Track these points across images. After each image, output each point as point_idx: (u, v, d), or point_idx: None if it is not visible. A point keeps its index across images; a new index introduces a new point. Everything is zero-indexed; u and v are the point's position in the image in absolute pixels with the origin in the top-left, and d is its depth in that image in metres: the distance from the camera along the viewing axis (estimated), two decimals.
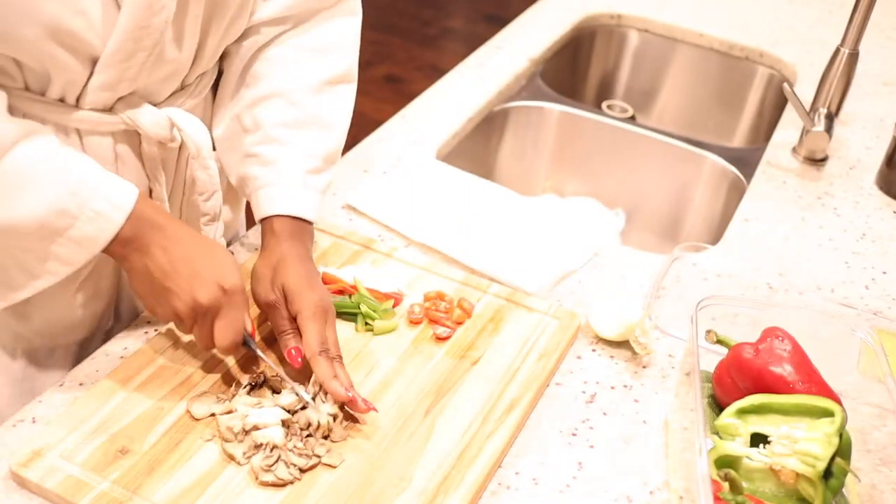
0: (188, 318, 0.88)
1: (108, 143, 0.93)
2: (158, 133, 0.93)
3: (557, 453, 0.94)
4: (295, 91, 1.02)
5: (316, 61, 1.04)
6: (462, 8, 4.56)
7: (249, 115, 1.02)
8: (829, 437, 0.84)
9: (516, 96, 1.67)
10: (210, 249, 0.89)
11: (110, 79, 0.88)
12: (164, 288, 0.87)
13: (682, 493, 0.90)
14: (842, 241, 1.31)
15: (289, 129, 1.01)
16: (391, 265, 1.14)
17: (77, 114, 0.90)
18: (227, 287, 0.87)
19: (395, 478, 0.87)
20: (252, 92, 1.02)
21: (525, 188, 1.73)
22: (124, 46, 0.85)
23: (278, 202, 1.00)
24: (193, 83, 0.99)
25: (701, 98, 1.95)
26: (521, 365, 1.01)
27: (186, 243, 0.88)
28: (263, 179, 1.00)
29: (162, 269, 0.87)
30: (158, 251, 0.87)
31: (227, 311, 0.88)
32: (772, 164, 1.48)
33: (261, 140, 1.01)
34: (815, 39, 1.89)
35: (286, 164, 1.00)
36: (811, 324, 0.99)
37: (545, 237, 1.24)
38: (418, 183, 1.32)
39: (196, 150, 0.96)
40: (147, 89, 0.93)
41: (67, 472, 0.84)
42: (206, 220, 1.01)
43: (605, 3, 1.98)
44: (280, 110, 1.01)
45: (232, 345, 0.90)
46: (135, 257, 0.87)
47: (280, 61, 1.02)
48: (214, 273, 0.87)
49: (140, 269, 0.88)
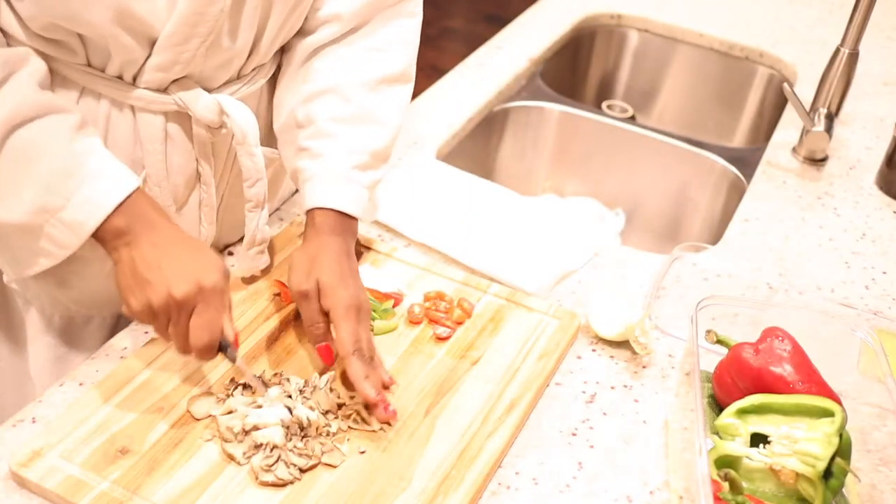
0: (162, 313, 0.87)
1: (159, 121, 0.96)
2: (206, 116, 0.96)
3: (557, 453, 0.94)
4: (349, 87, 1.03)
5: (372, 59, 1.04)
6: (462, 8, 4.56)
7: (304, 109, 1.03)
8: (829, 437, 0.84)
9: (516, 96, 1.67)
10: (199, 251, 0.90)
11: (165, 60, 0.91)
12: (144, 280, 0.86)
13: (682, 493, 0.90)
14: (842, 241, 1.31)
15: (338, 124, 1.02)
16: (391, 265, 1.14)
17: (133, 91, 0.94)
18: (205, 285, 0.86)
19: (395, 478, 0.87)
20: (308, 87, 1.03)
21: (525, 188, 1.72)
22: (180, 30, 0.89)
23: (321, 194, 1.00)
24: (249, 74, 1.01)
25: (701, 98, 1.95)
26: (521, 365, 1.01)
27: (177, 242, 0.89)
28: (309, 172, 1.01)
29: (147, 261, 0.87)
30: (148, 245, 0.87)
31: (203, 309, 0.87)
32: (772, 164, 1.48)
33: (312, 134, 1.02)
34: (815, 39, 1.89)
35: (332, 158, 1.01)
36: (811, 324, 0.99)
37: (545, 237, 1.24)
38: (418, 183, 1.32)
39: (242, 137, 0.97)
40: (202, 75, 0.96)
41: (67, 472, 0.84)
42: (251, 207, 1.02)
43: (605, 3, 1.98)
44: (332, 105, 1.02)
45: (207, 346, 0.88)
46: (124, 249, 0.88)
47: (337, 58, 1.04)
48: (196, 271, 0.87)
49: (126, 260, 0.88)
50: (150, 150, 0.97)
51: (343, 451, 0.88)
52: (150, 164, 0.97)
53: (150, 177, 0.98)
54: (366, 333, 0.94)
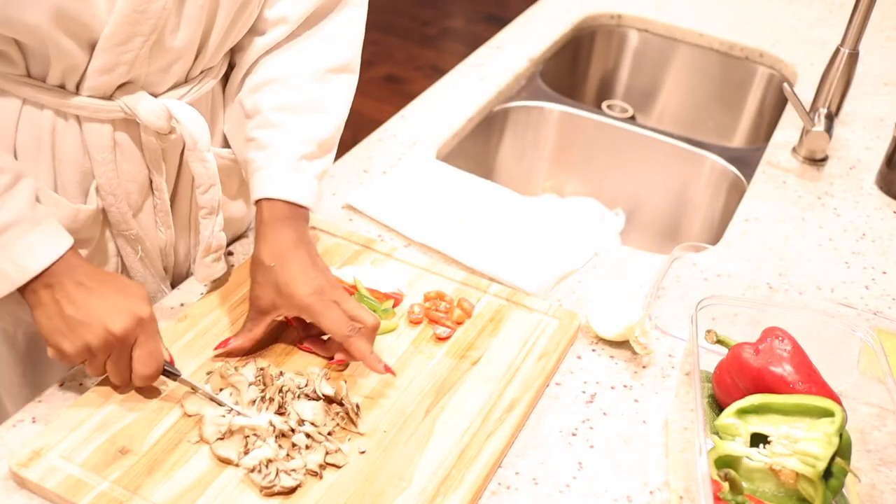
0: (102, 352, 0.86)
1: (107, 130, 0.93)
2: (155, 123, 0.93)
3: (557, 453, 0.93)
4: (295, 76, 1.02)
5: (319, 49, 1.03)
6: (462, 8, 4.56)
7: (251, 99, 1.01)
8: (829, 437, 0.84)
9: (516, 96, 1.67)
10: (122, 284, 0.89)
11: (107, 63, 0.88)
12: (76, 321, 0.85)
13: (682, 493, 0.90)
14: (842, 241, 1.31)
15: (285, 113, 1.00)
16: (391, 265, 1.14)
17: (76, 99, 0.91)
18: (142, 316, 0.87)
19: (395, 478, 0.87)
20: (255, 77, 1.02)
21: (525, 188, 1.73)
22: (121, 30, 0.86)
23: (269, 185, 0.98)
24: (197, 77, 0.99)
25: (701, 98, 1.95)
26: (521, 365, 1.01)
27: (99, 279, 0.87)
28: (258, 163, 0.99)
29: (74, 302, 0.85)
30: (72, 286, 0.86)
31: (144, 340, 0.87)
32: (772, 164, 1.48)
33: (258, 124, 1.00)
34: (815, 39, 1.89)
35: (280, 148, 0.99)
36: (811, 324, 0.99)
37: (545, 237, 1.24)
38: (418, 183, 1.32)
39: (192, 142, 0.95)
40: (147, 79, 0.93)
41: (67, 472, 0.84)
42: (205, 213, 1.00)
43: (605, 3, 1.98)
44: (279, 94, 1.01)
45: (154, 373, 0.89)
46: (44, 292, 0.86)
47: (284, 50, 1.03)
48: (129, 304, 0.86)
49: (49, 304, 0.86)
50: (99, 160, 0.94)
51: (344, 451, 0.88)
52: (100, 174, 0.95)
53: (101, 186, 0.95)
54: (351, 306, 0.94)
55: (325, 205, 1.27)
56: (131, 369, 0.89)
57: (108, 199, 0.96)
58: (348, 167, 1.36)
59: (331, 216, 1.25)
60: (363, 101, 3.57)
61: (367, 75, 3.75)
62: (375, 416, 0.93)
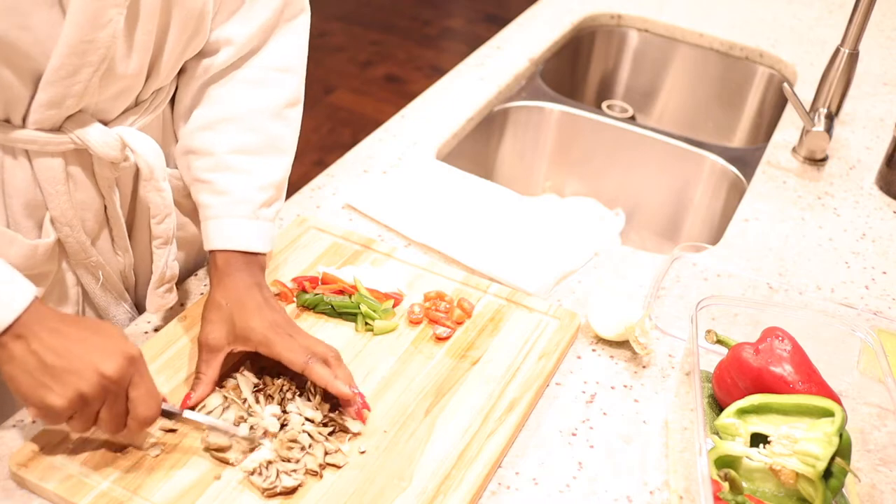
0: (97, 400, 0.79)
1: (58, 164, 0.89)
2: (109, 153, 0.89)
3: (557, 453, 0.94)
4: (252, 115, 0.98)
5: (273, 82, 0.99)
6: (462, 8, 4.56)
7: (202, 136, 0.97)
8: (829, 437, 0.84)
9: (516, 96, 1.67)
10: (102, 326, 0.82)
11: (55, 96, 0.83)
12: (62, 370, 0.76)
13: (682, 493, 0.90)
14: (842, 241, 1.31)
15: (243, 156, 0.97)
16: (391, 265, 1.14)
17: (23, 134, 0.86)
18: (132, 354, 0.80)
19: (395, 478, 0.87)
20: (207, 113, 0.98)
21: (525, 188, 1.73)
22: (68, 62, 0.81)
23: (227, 236, 0.95)
24: (148, 99, 0.95)
25: (701, 98, 1.95)
26: (521, 365, 1.01)
27: (75, 324, 0.80)
28: (214, 210, 0.96)
29: (54, 350, 0.77)
30: (47, 333, 0.77)
31: (140, 379, 0.81)
32: (772, 164, 1.48)
33: (212, 167, 0.96)
34: (815, 39, 1.89)
35: (239, 196, 0.96)
36: (811, 324, 0.99)
37: (545, 237, 1.24)
38: (418, 183, 1.32)
39: (149, 172, 0.92)
40: (97, 107, 0.89)
41: (67, 472, 0.84)
42: (159, 244, 0.97)
43: (605, 3, 1.98)
44: (235, 135, 0.97)
45: (155, 414, 0.83)
46: (16, 345, 0.77)
47: (238, 82, 0.98)
48: (115, 344, 0.80)
49: (24, 356, 0.77)
50: (52, 193, 0.90)
51: (344, 451, 0.88)
52: (53, 207, 0.91)
53: (56, 219, 0.91)
54: (310, 340, 0.92)
55: (325, 205, 1.27)
56: (126, 414, 0.82)
57: (63, 230, 0.92)
58: (348, 167, 1.36)
59: (331, 216, 1.25)
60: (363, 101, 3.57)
61: (367, 75, 3.75)
62: (375, 416, 0.93)
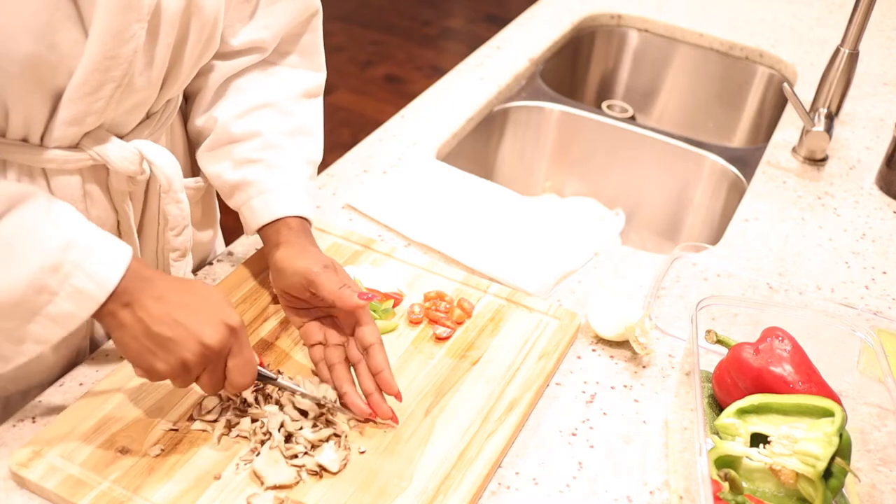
0: (198, 367, 0.82)
1: (76, 181, 0.89)
2: (128, 168, 0.90)
3: (557, 453, 0.94)
4: (284, 101, 1.03)
5: (294, 75, 1.05)
6: (462, 8, 4.56)
7: (241, 123, 1.00)
8: (829, 437, 0.84)
9: (516, 96, 1.67)
10: (204, 292, 0.84)
11: (77, 113, 0.83)
12: (166, 339, 0.80)
13: (682, 493, 0.90)
14: (842, 241, 1.31)
15: (286, 137, 1.02)
16: (391, 265, 1.14)
17: (43, 154, 0.86)
18: (233, 324, 0.82)
19: (395, 478, 0.87)
20: (241, 103, 1.01)
21: (525, 188, 1.73)
22: (91, 78, 0.81)
23: (292, 203, 0.99)
24: (160, 111, 0.95)
25: (701, 98, 1.95)
26: (521, 365, 1.01)
27: (179, 290, 0.83)
28: (268, 183, 0.99)
29: (160, 319, 0.80)
30: (152, 302, 0.80)
31: (239, 349, 0.84)
32: (772, 164, 1.48)
33: (260, 146, 1.00)
34: (815, 39, 1.89)
35: (291, 169, 1.01)
36: (811, 324, 0.99)
37: (545, 237, 1.24)
38: (418, 183, 1.32)
39: (167, 184, 0.93)
40: (114, 121, 0.89)
41: (67, 472, 0.84)
42: (177, 256, 0.98)
43: (605, 3, 1.98)
44: (275, 119, 1.01)
45: (251, 381, 0.86)
46: (125, 313, 0.80)
47: (265, 75, 1.03)
48: (216, 313, 0.82)
49: (132, 324, 0.80)
50: None
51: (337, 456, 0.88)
52: None
53: None
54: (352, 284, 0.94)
55: (325, 204, 1.27)
56: (224, 378, 0.85)
57: None
58: (348, 167, 1.36)
59: (331, 216, 1.25)
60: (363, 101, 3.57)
61: (368, 75, 3.75)
62: (375, 417, 0.93)
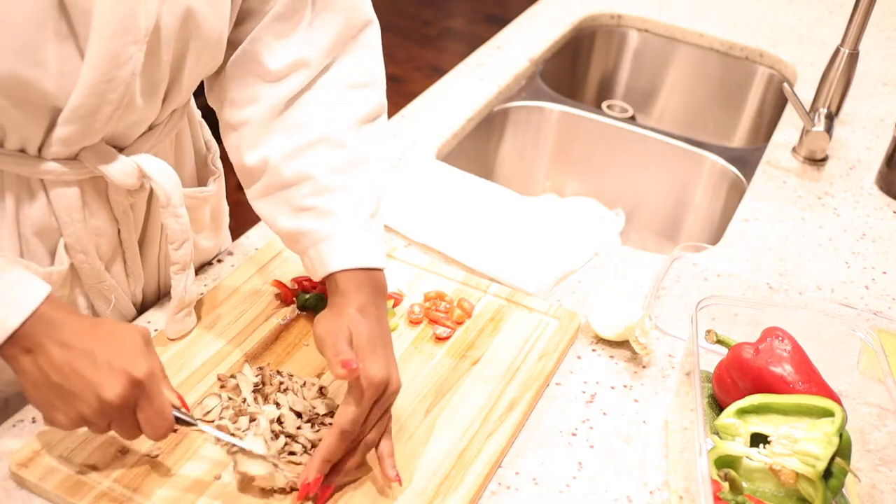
0: (99, 420, 0.77)
1: (74, 192, 0.87)
2: (126, 182, 0.88)
3: (557, 453, 0.94)
4: (337, 132, 0.92)
5: (352, 98, 0.94)
6: (462, 8, 4.56)
7: (292, 166, 0.91)
8: (829, 437, 0.84)
9: (516, 96, 1.67)
10: (115, 336, 0.78)
11: (73, 133, 0.82)
12: (65, 391, 0.75)
13: (682, 493, 0.90)
14: (842, 241, 1.31)
15: (340, 175, 0.91)
16: (391, 265, 1.14)
17: (40, 165, 0.84)
18: (137, 376, 0.76)
19: None
20: (292, 141, 0.92)
21: (525, 188, 1.73)
22: (87, 102, 0.79)
23: (344, 255, 0.88)
24: (163, 122, 0.93)
25: (701, 98, 1.95)
26: (521, 365, 1.01)
27: (86, 335, 0.77)
28: (323, 233, 0.89)
29: (59, 369, 0.75)
30: (55, 348, 0.75)
31: (147, 402, 0.78)
32: (772, 164, 1.48)
33: (312, 191, 0.90)
34: (815, 39, 1.89)
35: (346, 213, 0.90)
36: (811, 324, 0.99)
37: (545, 237, 1.24)
38: (418, 183, 1.32)
39: (166, 199, 0.91)
40: (114, 134, 0.88)
41: (67, 472, 0.84)
42: (177, 269, 0.96)
43: (605, 3, 1.98)
44: (327, 156, 0.91)
45: (165, 432, 0.80)
46: (26, 360, 0.76)
47: (317, 104, 0.93)
48: (121, 362, 0.76)
49: (32, 371, 0.76)
50: (67, 221, 0.88)
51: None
52: (68, 235, 0.89)
53: (70, 246, 0.90)
54: (377, 414, 0.84)
55: None
56: (137, 428, 0.80)
57: (78, 257, 0.91)
58: None
59: None
60: None
61: None
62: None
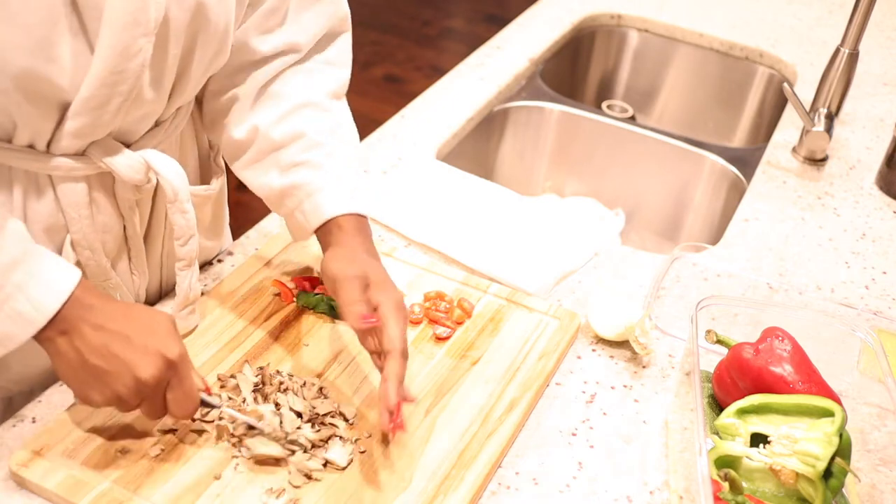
0: (133, 399, 0.80)
1: (82, 188, 0.89)
2: (133, 177, 0.89)
3: (557, 453, 0.94)
4: (320, 99, 1.00)
5: (328, 72, 1.02)
6: (462, 8, 4.56)
7: (282, 127, 0.97)
8: (829, 437, 0.84)
9: (516, 96, 1.67)
10: (147, 320, 0.82)
11: (84, 126, 0.83)
12: (102, 371, 0.79)
13: (682, 493, 0.90)
14: (842, 241, 1.31)
15: (329, 135, 0.98)
16: (391, 265, 1.14)
17: (49, 161, 0.86)
18: (171, 357, 0.80)
19: (395, 478, 0.87)
20: (276, 107, 0.98)
21: (525, 188, 1.73)
22: (98, 93, 0.81)
23: (342, 201, 0.96)
24: (169, 119, 0.95)
25: (701, 98, 1.95)
26: (521, 365, 1.01)
27: (119, 317, 0.80)
28: (317, 183, 0.96)
29: (96, 350, 0.78)
30: (90, 330, 0.79)
31: (177, 382, 0.81)
32: (772, 164, 1.48)
33: (304, 147, 0.97)
34: (815, 39, 1.89)
35: (340, 165, 0.98)
36: (811, 324, 0.99)
37: (545, 237, 1.24)
38: (418, 183, 1.32)
39: (173, 194, 0.92)
40: (122, 130, 0.89)
41: (67, 472, 0.84)
42: (182, 266, 0.96)
43: (605, 3, 1.98)
44: (317, 118, 0.99)
45: (192, 412, 0.84)
46: (62, 341, 0.79)
47: (300, 74, 1.00)
48: (154, 344, 0.79)
49: (68, 353, 0.79)
50: (74, 217, 0.89)
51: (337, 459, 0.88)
52: (75, 231, 0.90)
53: (77, 242, 0.91)
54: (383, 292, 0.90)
55: None
56: (164, 408, 0.83)
57: (84, 253, 0.92)
58: None
59: None
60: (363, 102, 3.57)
61: (367, 75, 3.75)
62: (376, 416, 0.93)
